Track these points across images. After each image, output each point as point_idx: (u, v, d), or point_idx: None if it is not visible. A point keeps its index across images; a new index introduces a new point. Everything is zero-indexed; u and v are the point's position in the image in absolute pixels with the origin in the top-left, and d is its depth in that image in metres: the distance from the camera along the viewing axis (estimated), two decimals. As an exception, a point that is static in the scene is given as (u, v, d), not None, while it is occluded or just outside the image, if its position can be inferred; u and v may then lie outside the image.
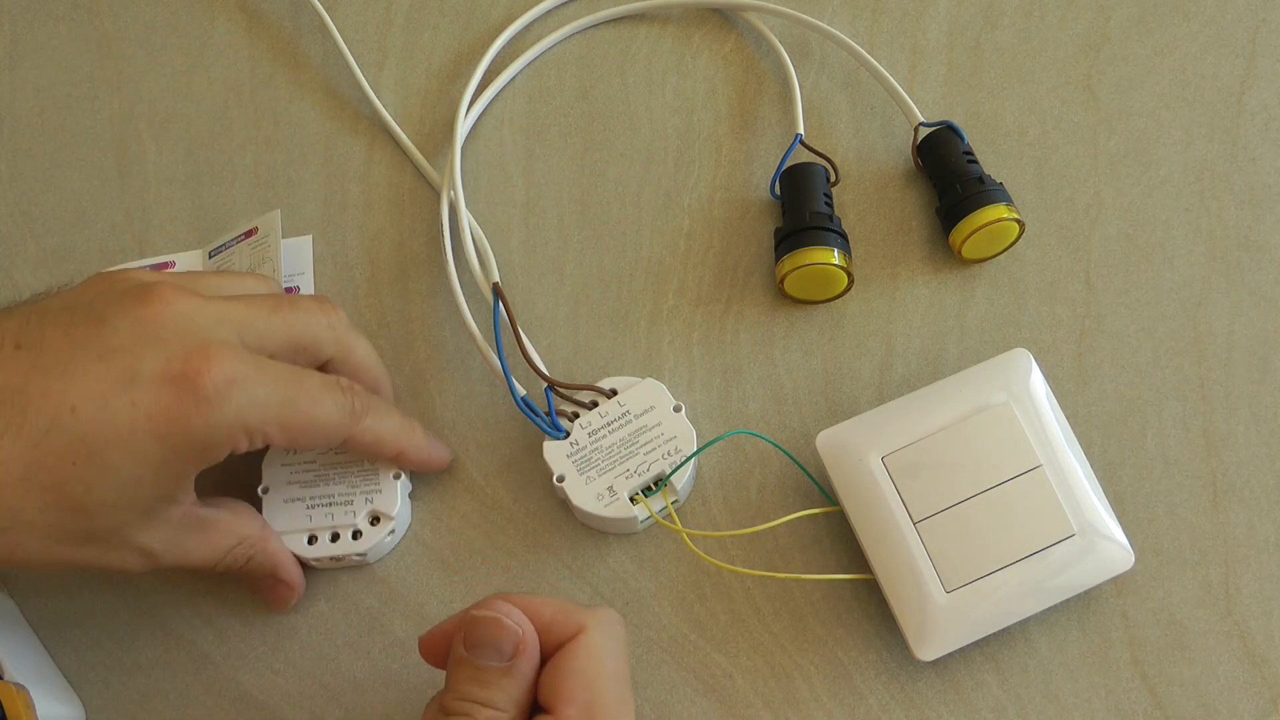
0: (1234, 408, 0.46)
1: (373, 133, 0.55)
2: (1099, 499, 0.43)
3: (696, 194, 0.52)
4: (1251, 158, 0.50)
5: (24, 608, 0.47)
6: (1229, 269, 0.49)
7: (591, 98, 0.54)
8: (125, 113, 0.56)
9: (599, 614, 0.37)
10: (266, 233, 0.51)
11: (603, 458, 0.45)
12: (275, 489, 0.46)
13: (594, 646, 0.36)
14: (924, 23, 0.54)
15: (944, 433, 0.43)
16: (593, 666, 0.36)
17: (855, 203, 0.51)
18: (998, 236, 0.48)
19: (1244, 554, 0.44)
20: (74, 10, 0.58)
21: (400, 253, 0.52)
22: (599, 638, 0.37)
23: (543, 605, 0.37)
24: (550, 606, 0.37)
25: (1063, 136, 0.51)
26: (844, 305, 0.49)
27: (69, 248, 0.53)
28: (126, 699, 0.46)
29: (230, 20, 0.58)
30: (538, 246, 0.52)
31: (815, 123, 0.53)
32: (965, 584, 0.42)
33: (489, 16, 0.57)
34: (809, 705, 0.43)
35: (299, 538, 0.45)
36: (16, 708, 0.40)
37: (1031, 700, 0.43)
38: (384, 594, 0.46)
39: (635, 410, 0.46)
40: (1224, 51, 0.52)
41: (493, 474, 0.48)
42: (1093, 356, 0.48)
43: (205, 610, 0.47)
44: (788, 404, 0.48)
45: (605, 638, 0.37)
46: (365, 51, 0.56)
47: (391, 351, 0.50)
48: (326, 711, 0.45)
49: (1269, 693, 0.43)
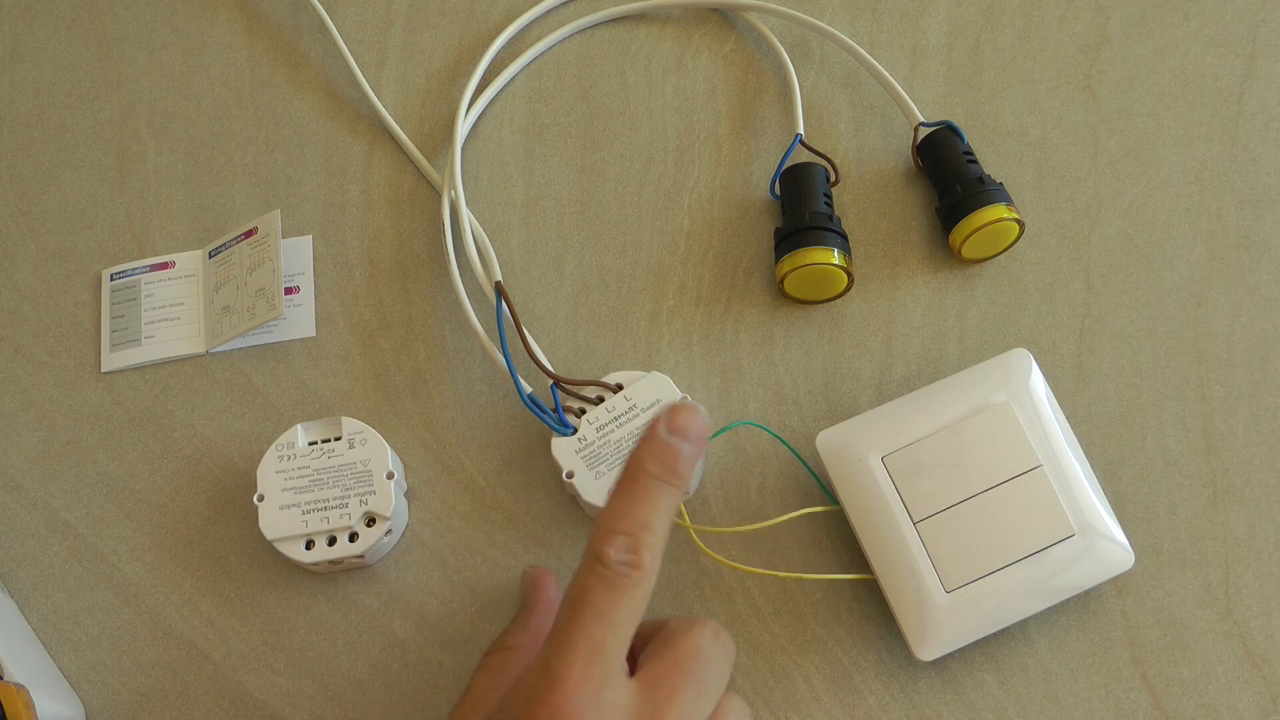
0: (1234, 408, 0.46)
1: (373, 133, 0.55)
2: (1099, 499, 0.43)
3: (696, 194, 0.52)
4: (1251, 158, 0.50)
5: (24, 608, 0.47)
6: (1229, 269, 0.49)
7: (591, 98, 0.54)
8: (125, 113, 0.56)
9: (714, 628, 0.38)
10: (266, 233, 0.51)
11: (611, 452, 0.45)
12: (270, 496, 0.46)
13: (699, 636, 0.37)
14: (924, 23, 0.54)
15: (944, 433, 0.43)
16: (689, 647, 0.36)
17: (855, 203, 0.51)
18: (998, 236, 0.48)
19: (1244, 554, 0.44)
20: (74, 10, 0.58)
21: (400, 253, 0.52)
22: (709, 639, 0.37)
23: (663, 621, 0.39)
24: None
25: (1063, 136, 0.51)
26: (844, 305, 0.49)
27: (69, 248, 0.53)
28: (126, 699, 0.46)
29: (230, 20, 0.58)
30: (538, 246, 0.52)
31: (815, 123, 0.53)
32: (965, 584, 0.42)
33: (489, 16, 0.57)
34: (809, 705, 0.43)
35: (296, 543, 0.45)
36: (16, 708, 0.40)
37: (1031, 700, 0.43)
38: (384, 594, 0.46)
39: (642, 404, 0.46)
40: (1224, 51, 0.52)
41: (493, 474, 0.48)
42: (1093, 356, 0.48)
43: (205, 610, 0.47)
44: (788, 404, 0.48)
45: (714, 642, 0.37)
46: (365, 51, 0.56)
47: (391, 351, 0.50)
48: (326, 711, 0.45)
49: (1269, 693, 0.43)
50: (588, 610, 0.35)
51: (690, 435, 0.37)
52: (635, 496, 0.36)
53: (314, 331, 0.51)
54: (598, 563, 0.35)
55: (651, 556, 0.36)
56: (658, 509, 0.36)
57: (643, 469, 0.37)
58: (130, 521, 0.48)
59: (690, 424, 0.37)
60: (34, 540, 0.48)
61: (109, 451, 0.50)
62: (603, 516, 0.36)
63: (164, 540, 0.48)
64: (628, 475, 0.37)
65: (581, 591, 0.35)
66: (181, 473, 0.49)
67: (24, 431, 0.50)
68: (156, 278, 0.52)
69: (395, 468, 0.46)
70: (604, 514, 0.36)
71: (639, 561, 0.35)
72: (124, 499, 0.49)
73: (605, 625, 0.35)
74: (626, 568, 0.35)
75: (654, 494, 0.36)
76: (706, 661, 0.36)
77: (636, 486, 0.37)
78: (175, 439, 0.49)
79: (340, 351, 0.50)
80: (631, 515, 0.36)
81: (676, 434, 0.37)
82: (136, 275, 0.52)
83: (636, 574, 0.35)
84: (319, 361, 0.50)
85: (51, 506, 0.49)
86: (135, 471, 0.49)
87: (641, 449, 0.37)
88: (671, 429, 0.37)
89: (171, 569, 0.47)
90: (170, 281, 0.52)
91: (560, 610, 0.36)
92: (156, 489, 0.49)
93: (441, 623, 0.46)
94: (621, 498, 0.36)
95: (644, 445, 0.37)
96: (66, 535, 0.48)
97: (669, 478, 0.37)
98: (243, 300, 0.51)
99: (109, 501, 0.49)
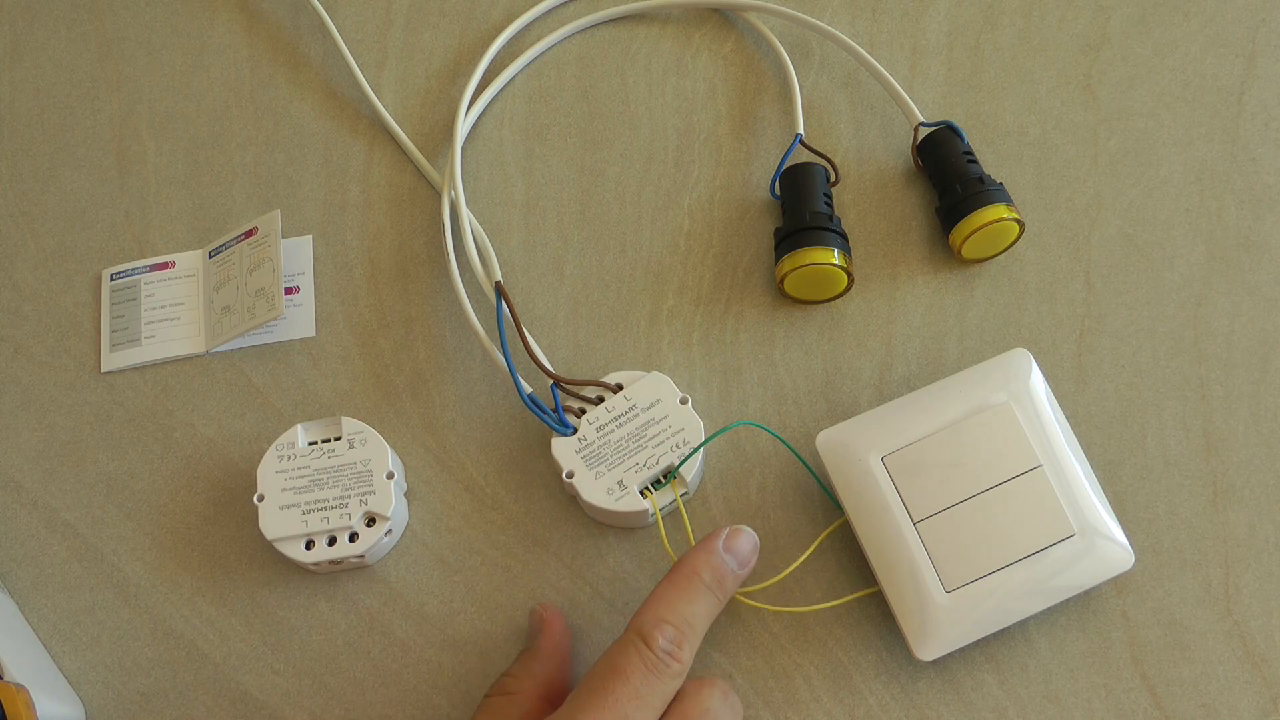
0: (1234, 408, 0.46)
1: (373, 133, 0.55)
2: (1099, 499, 0.43)
3: (696, 194, 0.52)
4: (1251, 158, 0.50)
5: (24, 608, 0.47)
6: (1229, 269, 0.49)
7: (591, 98, 0.54)
8: (125, 113, 0.56)
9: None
10: (266, 233, 0.51)
11: (611, 452, 0.45)
12: (270, 496, 0.46)
13: (709, 698, 0.38)
14: (924, 23, 0.54)
15: (944, 433, 0.43)
16: (698, 709, 0.38)
17: (855, 203, 0.51)
18: (998, 236, 0.48)
19: (1244, 554, 0.44)
20: (74, 10, 0.58)
21: (400, 253, 0.52)
22: (718, 700, 0.38)
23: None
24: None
25: (1063, 136, 0.51)
26: (844, 305, 0.49)
27: (69, 248, 0.53)
28: (126, 699, 0.46)
29: (230, 20, 0.58)
30: (538, 246, 0.52)
31: (815, 123, 0.53)
32: (965, 584, 0.42)
33: (489, 16, 0.57)
34: (809, 705, 0.43)
35: (296, 543, 0.45)
36: (16, 708, 0.40)
37: (1031, 700, 0.43)
38: (384, 594, 0.46)
39: (642, 404, 0.46)
40: (1224, 51, 0.52)
41: (493, 474, 0.48)
42: (1093, 356, 0.48)
43: (205, 610, 0.47)
44: (788, 404, 0.48)
45: (723, 702, 0.38)
46: (365, 51, 0.56)
47: (392, 351, 0.50)
48: (326, 711, 0.45)
49: (1269, 693, 0.43)
50: (625, 686, 0.37)
51: (742, 558, 0.41)
52: (686, 594, 0.39)
53: (314, 331, 0.51)
54: (642, 644, 0.37)
55: (690, 653, 0.38)
56: (702, 612, 0.39)
57: (696, 573, 0.39)
58: (130, 521, 0.48)
59: (745, 548, 0.41)
60: (34, 540, 0.48)
61: (109, 451, 0.50)
62: (652, 604, 0.39)
63: (164, 540, 0.48)
64: (681, 574, 0.39)
65: (621, 664, 0.37)
66: (181, 473, 0.49)
67: (24, 431, 0.50)
68: (156, 278, 0.52)
69: (395, 468, 0.46)
70: (654, 602, 0.39)
71: (680, 655, 0.38)
72: (124, 499, 0.49)
73: (637, 705, 0.36)
74: (669, 657, 0.37)
75: (703, 598, 0.39)
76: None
77: (690, 586, 0.39)
78: (175, 439, 0.49)
79: (340, 351, 0.50)
80: (681, 610, 0.38)
81: (731, 554, 0.40)
82: (136, 275, 0.52)
83: (676, 665, 0.37)
84: (319, 361, 0.50)
85: (51, 506, 0.49)
86: (135, 471, 0.49)
87: (698, 556, 0.40)
88: (728, 548, 0.40)
89: (171, 569, 0.47)
90: (170, 281, 0.52)
91: (594, 675, 0.37)
92: (156, 489, 0.49)
93: (441, 623, 0.46)
94: (672, 591, 0.39)
95: (700, 553, 0.40)
96: (66, 535, 0.48)
97: (716, 589, 0.40)
98: (243, 300, 0.51)
99: (109, 501, 0.49)
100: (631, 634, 0.38)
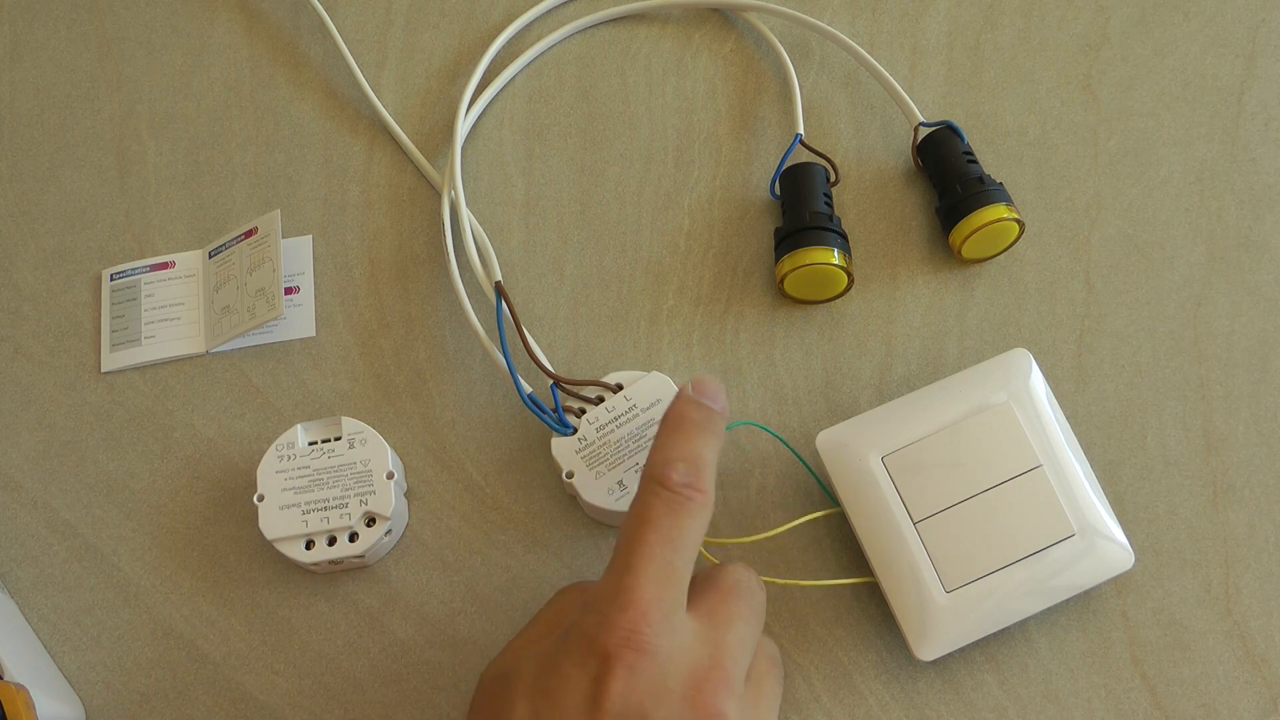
0: (1234, 408, 0.46)
1: (373, 133, 0.55)
2: (1099, 499, 0.43)
3: (696, 194, 0.52)
4: (1251, 158, 0.50)
5: (24, 608, 0.47)
6: (1229, 269, 0.49)
7: (591, 98, 0.54)
8: (125, 113, 0.56)
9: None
10: (266, 233, 0.51)
11: (611, 452, 0.45)
12: (270, 496, 0.46)
13: (735, 571, 0.38)
14: (924, 23, 0.54)
15: (944, 433, 0.43)
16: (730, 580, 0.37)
17: (855, 203, 0.51)
18: (998, 236, 0.48)
19: (1244, 554, 0.44)
20: (74, 10, 0.58)
21: (400, 253, 0.52)
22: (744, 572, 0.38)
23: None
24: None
25: (1063, 136, 0.51)
26: (844, 305, 0.49)
27: (69, 248, 0.53)
28: (126, 699, 0.46)
29: (230, 20, 0.58)
30: (538, 246, 0.52)
31: (815, 123, 0.53)
32: (965, 584, 0.42)
33: (489, 16, 0.57)
34: (809, 705, 0.43)
35: (296, 543, 0.45)
36: (16, 708, 0.40)
37: (1031, 700, 0.43)
38: (384, 594, 0.46)
39: (642, 404, 0.46)
40: (1224, 51, 0.52)
41: (493, 474, 0.48)
42: (1093, 356, 0.48)
43: (205, 610, 0.47)
44: (788, 404, 0.48)
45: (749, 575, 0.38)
46: (365, 51, 0.56)
47: (392, 351, 0.50)
48: (326, 711, 0.45)
49: (1269, 693, 0.43)
50: (655, 534, 0.35)
51: (712, 395, 0.39)
52: (685, 434, 0.38)
53: (314, 331, 0.51)
54: (660, 486, 0.36)
55: (709, 483, 0.37)
56: (707, 445, 0.38)
57: (684, 417, 0.38)
58: (130, 521, 0.48)
59: (711, 387, 0.39)
60: (34, 540, 0.48)
61: (109, 451, 0.50)
62: (657, 451, 0.37)
63: (164, 540, 0.48)
64: (671, 422, 0.38)
65: (646, 514, 0.36)
66: (181, 473, 0.49)
67: (24, 431, 0.50)
68: (156, 278, 0.52)
69: (395, 468, 0.46)
70: (657, 449, 0.38)
71: (699, 484, 0.36)
72: (124, 499, 0.49)
73: (673, 548, 0.35)
74: (689, 489, 0.36)
75: (700, 433, 0.38)
76: (750, 591, 0.38)
77: (684, 426, 0.38)
78: (175, 439, 0.49)
79: (340, 351, 0.50)
80: (685, 447, 0.37)
81: (704, 396, 0.39)
82: (136, 275, 0.52)
83: (699, 496, 0.36)
84: (319, 361, 0.50)
85: (51, 506, 0.49)
86: (135, 471, 0.49)
87: (675, 406, 0.39)
88: (699, 393, 0.39)
89: (171, 569, 0.47)
90: (170, 281, 0.52)
91: (623, 533, 0.36)
92: (156, 489, 0.49)
93: (441, 623, 0.46)
94: (671, 435, 0.38)
95: (676, 403, 0.39)
96: (66, 535, 0.48)
97: (708, 425, 0.38)
98: (243, 300, 0.51)
99: (109, 501, 0.49)
100: (646, 481, 0.37)
